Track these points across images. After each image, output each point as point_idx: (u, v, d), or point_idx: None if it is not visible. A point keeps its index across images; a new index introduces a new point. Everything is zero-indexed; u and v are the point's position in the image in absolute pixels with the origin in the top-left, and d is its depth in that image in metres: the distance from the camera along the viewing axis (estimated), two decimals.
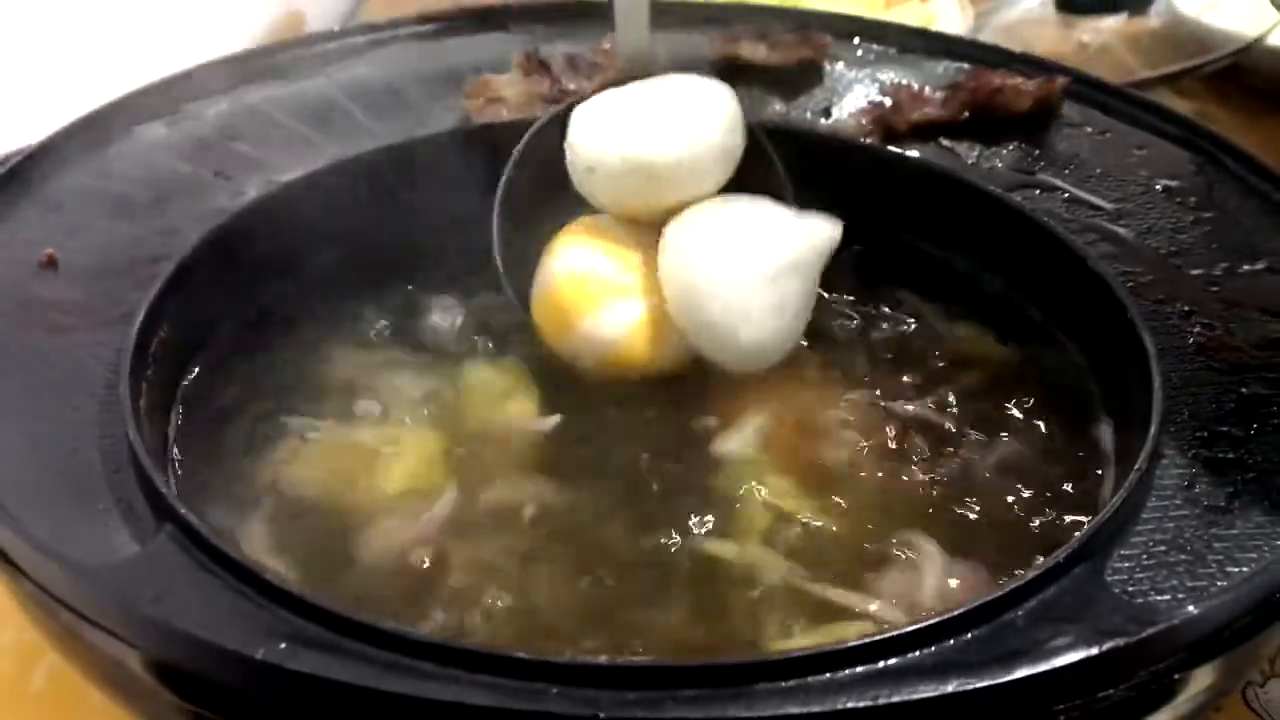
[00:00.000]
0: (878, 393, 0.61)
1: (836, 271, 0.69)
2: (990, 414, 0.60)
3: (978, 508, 0.55)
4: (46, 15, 0.98)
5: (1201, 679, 0.42)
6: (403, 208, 0.70)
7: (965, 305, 0.67)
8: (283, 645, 0.39)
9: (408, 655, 0.39)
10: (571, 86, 0.75)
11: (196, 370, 0.60)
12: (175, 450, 0.55)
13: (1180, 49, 1.25)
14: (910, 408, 0.60)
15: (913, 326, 0.67)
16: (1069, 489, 0.55)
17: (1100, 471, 0.56)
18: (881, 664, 0.40)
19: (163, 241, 0.62)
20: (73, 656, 0.47)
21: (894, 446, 0.58)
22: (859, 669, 0.39)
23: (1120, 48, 1.30)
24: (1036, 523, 0.54)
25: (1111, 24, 1.33)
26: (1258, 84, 1.29)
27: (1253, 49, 1.20)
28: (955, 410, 0.60)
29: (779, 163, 0.65)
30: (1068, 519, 0.53)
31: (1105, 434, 0.58)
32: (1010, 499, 0.55)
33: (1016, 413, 0.60)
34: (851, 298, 0.68)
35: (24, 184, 0.65)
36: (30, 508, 0.45)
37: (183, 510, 0.45)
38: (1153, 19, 1.32)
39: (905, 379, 0.63)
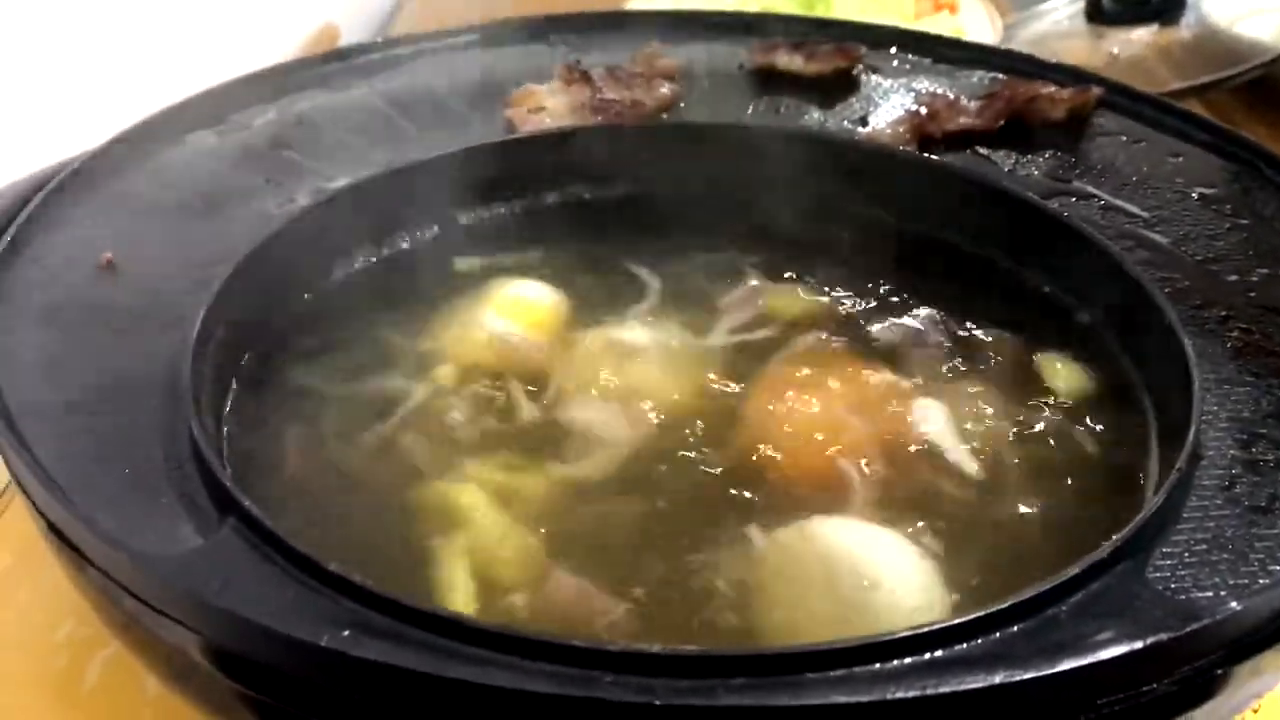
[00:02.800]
0: (916, 391, 0.62)
1: (876, 273, 0.70)
2: (1034, 414, 0.61)
3: (1021, 504, 0.56)
4: (98, 28, 1.01)
5: (1243, 675, 0.43)
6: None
7: (1006, 310, 0.68)
8: (346, 633, 0.40)
9: (467, 642, 0.40)
10: (613, 96, 0.77)
11: (250, 369, 0.61)
12: (230, 446, 0.56)
13: (1211, 60, 1.26)
14: (954, 402, 0.61)
15: (956, 325, 0.67)
16: (1113, 487, 0.56)
17: (1144, 470, 0.56)
18: (929, 655, 0.40)
19: (216, 246, 0.63)
20: (136, 646, 0.48)
21: (937, 440, 0.59)
22: (907, 660, 0.40)
23: (1151, 59, 1.30)
24: (1080, 518, 0.55)
25: (1142, 35, 1.33)
26: None
27: None
28: (999, 408, 0.61)
29: None
30: (1112, 516, 0.53)
31: (1148, 435, 0.57)
32: (1053, 495, 0.56)
33: (1059, 413, 0.61)
34: (893, 299, 0.69)
35: (79, 190, 0.66)
36: (96, 502, 0.47)
37: (246, 503, 0.46)
38: (1183, 30, 1.32)
39: (948, 375, 0.64)
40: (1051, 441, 0.59)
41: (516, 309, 0.66)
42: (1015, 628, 0.42)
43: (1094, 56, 1.33)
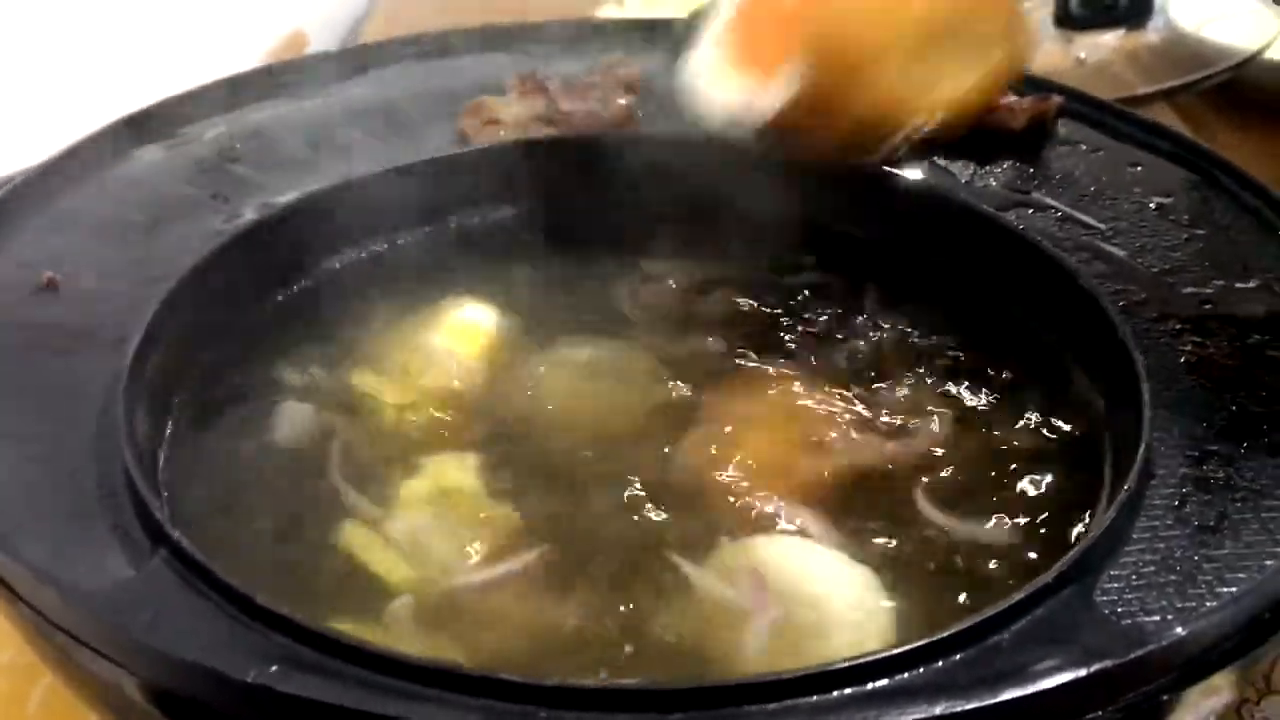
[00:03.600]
0: (868, 409, 0.62)
1: (832, 285, 0.70)
2: (986, 430, 0.61)
3: (971, 522, 0.55)
4: (47, 37, 0.99)
5: (1189, 700, 0.42)
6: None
7: (962, 323, 0.67)
8: (274, 668, 0.39)
9: (398, 677, 0.39)
10: (568, 108, 0.76)
11: (189, 390, 0.60)
12: (166, 471, 0.55)
13: (1178, 64, 1.26)
14: (902, 418, 0.61)
15: (909, 341, 0.67)
16: (1067, 504, 0.55)
17: (1098, 488, 0.55)
18: (870, 685, 0.40)
19: (160, 264, 0.62)
20: (68, 679, 0.47)
21: (888, 453, 0.59)
22: (848, 690, 0.39)
23: (1118, 63, 1.30)
24: (1032, 537, 0.54)
25: (1109, 39, 1.33)
26: (1256, 98, 1.30)
27: (1251, 63, 1.21)
28: (950, 425, 0.61)
29: None
30: (1064, 534, 0.53)
31: (1102, 451, 0.57)
32: (1006, 512, 0.56)
33: (1012, 426, 0.61)
34: (845, 315, 0.68)
35: (24, 206, 0.65)
36: (26, 531, 0.46)
37: (176, 535, 0.45)
38: (1151, 34, 1.32)
39: (900, 391, 0.63)
40: (1003, 456, 0.59)
41: (460, 332, 0.65)
42: (957, 656, 0.41)
43: (1062, 60, 1.33)
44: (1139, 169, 0.73)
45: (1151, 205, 0.69)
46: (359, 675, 0.39)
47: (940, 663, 0.41)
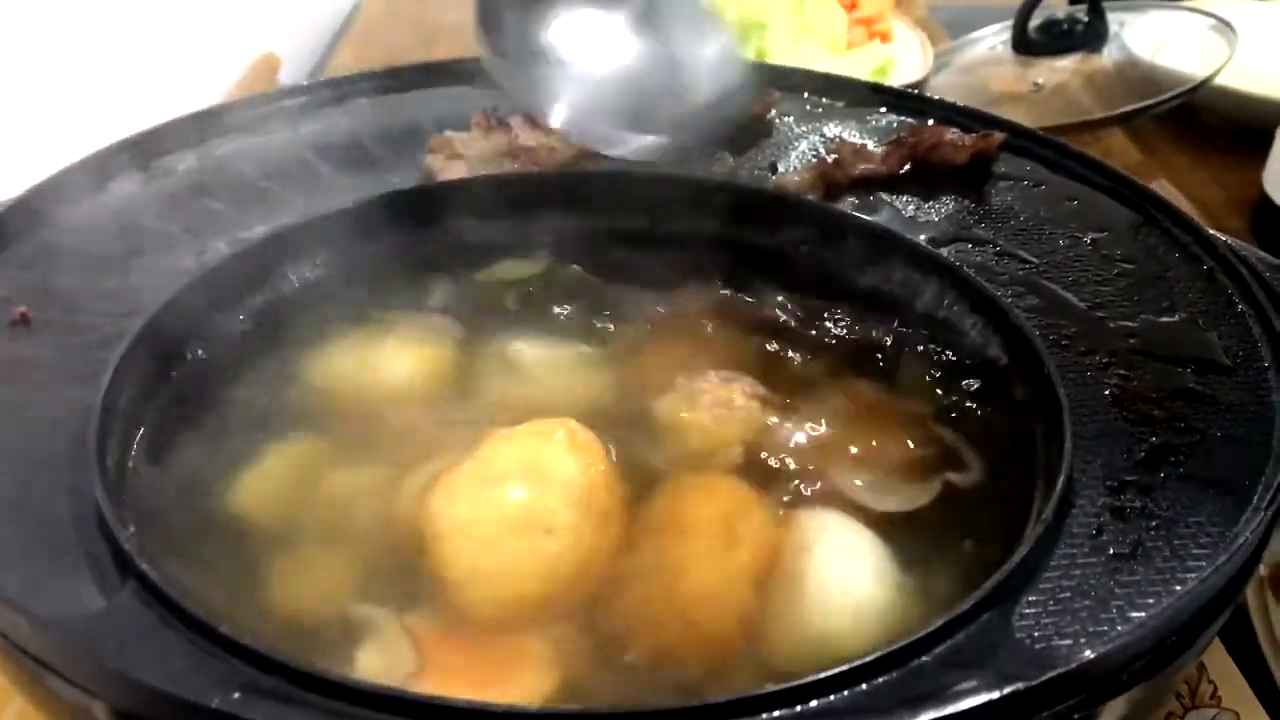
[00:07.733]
0: (809, 432, 0.64)
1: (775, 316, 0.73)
2: (921, 455, 0.63)
3: (910, 545, 0.58)
4: (18, 67, 1.01)
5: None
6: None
7: (900, 355, 0.69)
8: (236, 695, 0.42)
9: (355, 704, 0.41)
10: (530, 143, 0.78)
11: (157, 422, 0.61)
12: (136, 502, 0.56)
13: (1133, 89, 1.29)
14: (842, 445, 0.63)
15: (851, 367, 0.69)
16: (996, 532, 0.56)
17: (1026, 516, 0.56)
18: (799, 708, 0.42)
19: (132, 298, 0.64)
20: (40, 705, 0.49)
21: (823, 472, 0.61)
22: (776, 713, 0.42)
23: (1075, 87, 1.34)
24: (965, 563, 0.56)
25: (1066, 64, 1.36)
26: (1208, 123, 1.33)
27: (1203, 89, 1.24)
28: (883, 452, 0.63)
29: None
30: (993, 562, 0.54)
31: (1033, 479, 0.58)
32: (940, 538, 0.58)
33: (945, 457, 0.63)
34: (789, 351, 0.71)
35: None
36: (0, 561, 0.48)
37: (144, 566, 0.47)
38: (1106, 60, 1.35)
39: (838, 415, 0.65)
40: (936, 484, 0.61)
41: (419, 346, 0.68)
42: (881, 679, 0.44)
43: (1020, 85, 1.36)
44: (1076, 204, 0.75)
45: (1086, 240, 0.72)
46: (318, 702, 0.42)
47: (865, 685, 0.43)
